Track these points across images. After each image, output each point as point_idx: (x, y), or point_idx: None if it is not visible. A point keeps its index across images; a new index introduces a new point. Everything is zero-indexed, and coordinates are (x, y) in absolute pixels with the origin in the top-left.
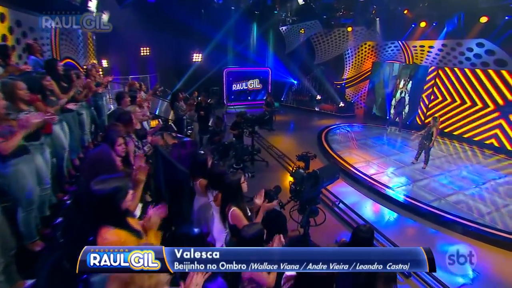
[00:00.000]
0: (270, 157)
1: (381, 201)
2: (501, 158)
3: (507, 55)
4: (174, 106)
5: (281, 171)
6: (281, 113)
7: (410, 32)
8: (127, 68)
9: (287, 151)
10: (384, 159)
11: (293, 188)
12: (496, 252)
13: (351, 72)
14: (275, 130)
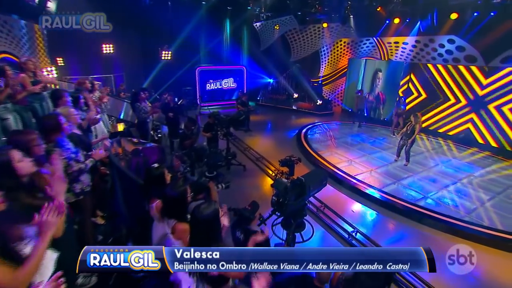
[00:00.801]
0: (248, 160)
1: (368, 203)
2: (474, 152)
3: (476, 51)
4: (134, 108)
5: (260, 175)
6: (258, 112)
7: (384, 28)
8: (88, 67)
9: (266, 152)
10: (366, 158)
11: (275, 200)
12: (488, 252)
13: (327, 70)
14: (252, 130)
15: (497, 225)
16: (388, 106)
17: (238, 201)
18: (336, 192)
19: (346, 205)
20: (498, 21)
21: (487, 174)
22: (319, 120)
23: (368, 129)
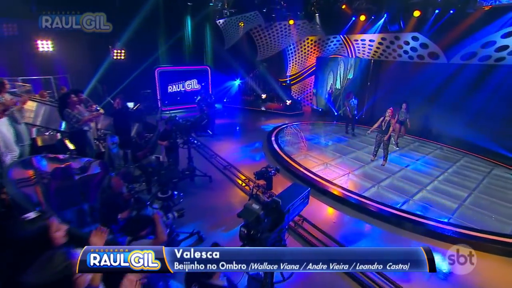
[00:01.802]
0: (214, 170)
1: (351, 212)
2: (443, 147)
3: (438, 48)
4: (63, 115)
5: (229, 186)
6: (225, 115)
7: (351, 26)
8: (20, 67)
9: (234, 159)
10: (342, 159)
11: (244, 233)
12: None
13: (295, 69)
14: (218, 135)
15: (486, 227)
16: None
17: (203, 220)
18: (315, 201)
19: (327, 215)
20: (457, 18)
21: (459, 169)
22: (289, 120)
23: (340, 128)
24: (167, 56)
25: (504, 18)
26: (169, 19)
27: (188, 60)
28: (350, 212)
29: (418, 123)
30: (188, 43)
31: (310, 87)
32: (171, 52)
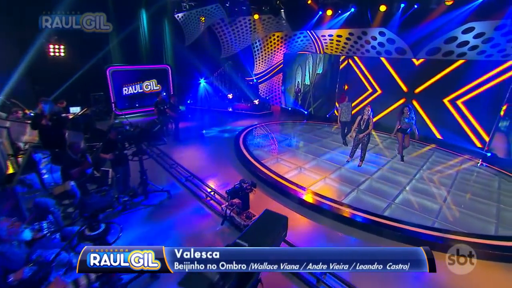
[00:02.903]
0: (175, 182)
1: (332, 224)
2: (414, 143)
3: (404, 43)
4: None
5: (191, 202)
6: (189, 118)
7: (317, 21)
8: None
9: (199, 168)
10: (316, 161)
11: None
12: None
13: (262, 66)
14: (182, 140)
15: (470, 229)
16: (329, 103)
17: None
18: (291, 214)
19: (307, 231)
20: (422, 13)
21: (432, 165)
22: (258, 121)
23: (311, 127)
24: (120, 54)
25: (464, 14)
26: (119, 10)
27: (145, 59)
28: (331, 224)
29: (390, 119)
30: (144, 39)
31: (278, 85)
32: (126, 50)
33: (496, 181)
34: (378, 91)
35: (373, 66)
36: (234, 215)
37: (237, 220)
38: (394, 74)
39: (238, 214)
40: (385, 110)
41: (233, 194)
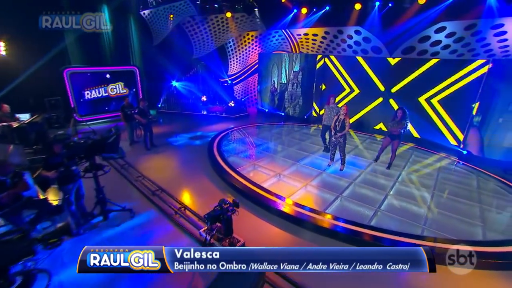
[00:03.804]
0: (140, 196)
1: (319, 240)
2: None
3: (380, 42)
4: None
5: (159, 222)
6: (160, 122)
7: (292, 19)
8: None
9: (169, 180)
10: (296, 167)
11: None
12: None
13: (236, 67)
14: (154, 147)
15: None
16: (306, 103)
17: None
18: (271, 229)
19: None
20: (396, 12)
21: (412, 165)
22: (234, 124)
23: (288, 129)
24: (79, 54)
25: (435, 13)
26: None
27: (109, 60)
28: (315, 239)
29: (373, 117)
30: (107, 38)
31: (254, 86)
32: (86, 49)
33: (474, 179)
34: (356, 91)
35: (350, 65)
36: (215, 242)
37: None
38: (371, 73)
39: (220, 240)
40: (363, 110)
41: (213, 219)
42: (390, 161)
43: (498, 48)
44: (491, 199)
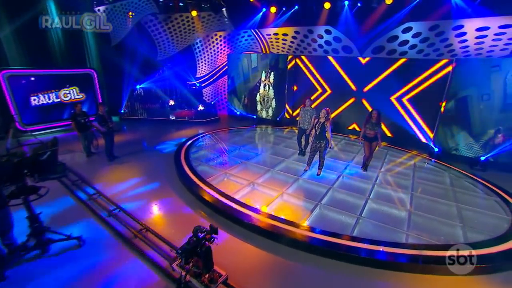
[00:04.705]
0: (94, 219)
1: (300, 257)
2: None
3: (351, 41)
4: None
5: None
6: (124, 130)
7: (261, 19)
8: None
9: (130, 197)
10: (270, 173)
11: None
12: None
13: (205, 69)
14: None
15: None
16: (279, 105)
17: None
18: (251, 252)
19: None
20: (365, 12)
21: (390, 167)
22: (203, 129)
23: (261, 133)
24: (19, 54)
25: (402, 13)
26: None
27: (60, 61)
28: (295, 256)
29: (347, 118)
30: (56, 37)
31: (224, 88)
32: (28, 49)
33: (446, 177)
34: (328, 91)
35: (321, 65)
36: (191, 279)
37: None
38: (343, 73)
39: (198, 277)
40: (336, 110)
41: (189, 254)
42: (367, 163)
43: (460, 48)
44: (465, 197)
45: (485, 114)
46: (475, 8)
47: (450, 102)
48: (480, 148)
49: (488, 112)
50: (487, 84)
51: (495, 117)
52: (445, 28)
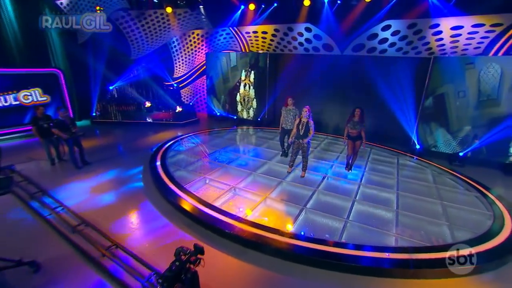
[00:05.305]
0: (54, 237)
1: (290, 271)
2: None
3: (331, 39)
4: None
5: (78, 271)
6: (96, 134)
7: (240, 16)
8: None
9: (99, 209)
10: (253, 177)
11: None
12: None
13: (182, 69)
14: (85, 165)
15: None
16: (260, 105)
17: None
18: (241, 268)
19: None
20: (345, 9)
21: (373, 165)
22: (182, 132)
23: (242, 134)
24: None
25: (382, 11)
26: None
27: (18, 60)
28: (283, 269)
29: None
30: (11, 32)
31: (203, 89)
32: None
33: (429, 174)
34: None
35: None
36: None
37: None
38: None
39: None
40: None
41: (171, 281)
42: (352, 162)
43: (437, 46)
44: (447, 194)
45: (461, 111)
46: (450, 7)
47: (428, 99)
48: (457, 144)
49: (464, 109)
50: (463, 82)
51: (470, 114)
52: (423, 27)
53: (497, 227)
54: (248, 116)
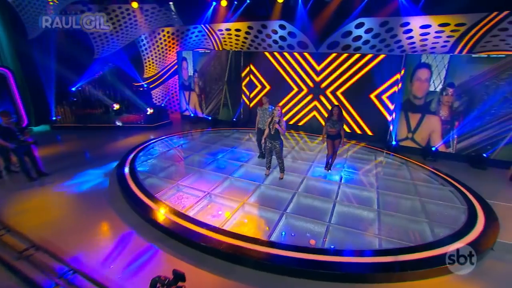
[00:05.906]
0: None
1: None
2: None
3: (305, 37)
4: None
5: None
6: (57, 140)
7: (212, 13)
8: None
9: (55, 228)
10: (229, 181)
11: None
12: None
13: (153, 68)
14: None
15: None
16: (235, 105)
17: None
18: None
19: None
20: (318, 7)
21: (352, 163)
22: (154, 135)
23: (217, 135)
24: None
25: (356, 8)
26: None
27: None
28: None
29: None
30: None
31: (175, 89)
32: None
33: (405, 170)
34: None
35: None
36: None
37: None
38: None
39: None
40: (295, 108)
41: None
42: (331, 162)
43: (408, 44)
44: (424, 189)
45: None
46: (418, 7)
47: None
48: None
49: None
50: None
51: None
52: (394, 25)
53: (472, 221)
54: (223, 117)
